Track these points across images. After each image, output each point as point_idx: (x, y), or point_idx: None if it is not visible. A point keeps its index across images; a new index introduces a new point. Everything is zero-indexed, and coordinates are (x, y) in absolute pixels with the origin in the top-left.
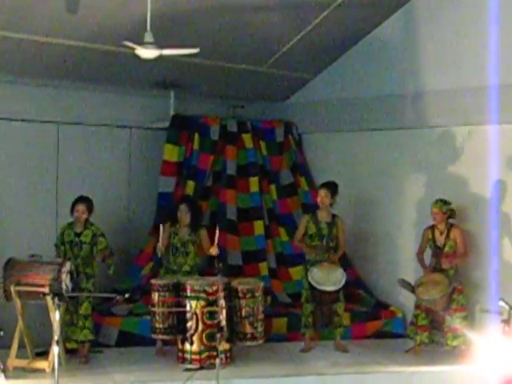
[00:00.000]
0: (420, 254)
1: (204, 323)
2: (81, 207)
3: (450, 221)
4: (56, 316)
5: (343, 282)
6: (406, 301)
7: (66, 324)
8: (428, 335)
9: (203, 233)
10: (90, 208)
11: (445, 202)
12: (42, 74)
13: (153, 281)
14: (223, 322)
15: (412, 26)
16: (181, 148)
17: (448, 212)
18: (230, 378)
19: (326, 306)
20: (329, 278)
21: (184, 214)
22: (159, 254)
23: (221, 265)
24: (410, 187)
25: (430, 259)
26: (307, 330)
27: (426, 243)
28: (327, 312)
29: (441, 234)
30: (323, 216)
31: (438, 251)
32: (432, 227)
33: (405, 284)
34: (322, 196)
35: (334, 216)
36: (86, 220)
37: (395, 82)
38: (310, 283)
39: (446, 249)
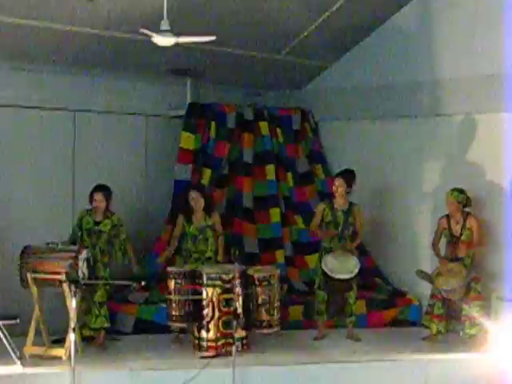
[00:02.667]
0: (435, 245)
1: (220, 311)
2: (99, 196)
3: (466, 209)
4: (72, 303)
5: (356, 270)
6: (422, 289)
7: (83, 312)
8: (445, 324)
9: (216, 218)
10: (107, 196)
11: (460, 191)
12: (58, 62)
13: (169, 268)
14: (239, 310)
15: (428, 13)
16: (197, 136)
17: (463, 201)
18: (246, 365)
19: (339, 294)
20: (342, 266)
21: (197, 200)
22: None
23: (237, 252)
24: (427, 175)
25: (446, 248)
26: (320, 317)
27: (441, 232)
28: (340, 300)
29: (457, 223)
30: (340, 204)
31: (453, 240)
32: (447, 216)
33: (423, 275)
34: (337, 185)
35: (351, 204)
36: (106, 209)
37: (412, 70)
38: (323, 271)
39: (463, 238)
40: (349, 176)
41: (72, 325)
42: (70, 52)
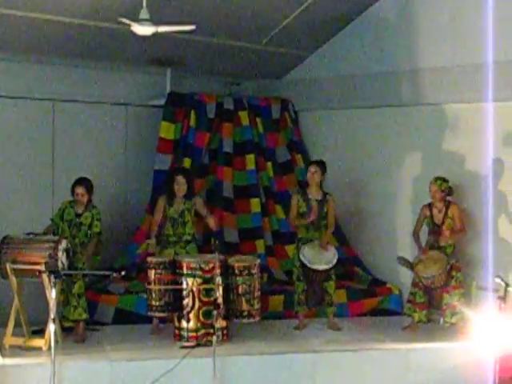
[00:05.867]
0: (416, 233)
1: (200, 300)
2: (80, 190)
3: (448, 198)
4: (52, 294)
5: (334, 261)
6: (402, 278)
7: (61, 304)
8: (426, 313)
9: (199, 201)
10: (89, 189)
11: (443, 180)
12: (37, 51)
13: (149, 258)
14: (220, 300)
15: (408, 2)
16: (177, 125)
17: (446, 190)
18: (226, 355)
19: (318, 284)
20: (320, 257)
21: (182, 186)
22: (150, 249)
23: (217, 242)
24: (407, 164)
25: (428, 237)
26: (300, 308)
27: (422, 221)
28: (319, 290)
29: (439, 211)
30: (313, 193)
31: (435, 229)
32: (429, 205)
33: (403, 262)
34: (312, 172)
35: (325, 194)
36: (89, 201)
37: (392, 60)
38: (301, 261)
39: (445, 226)
40: (323, 164)
41: (52, 315)
42: (48, 41)
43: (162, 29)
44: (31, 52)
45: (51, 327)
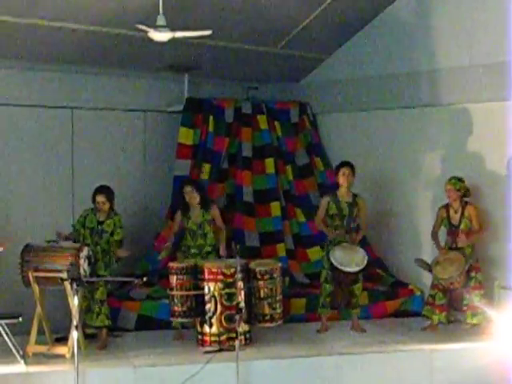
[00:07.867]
0: (435, 234)
1: (222, 305)
2: (100, 198)
3: (465, 199)
4: (74, 301)
5: (365, 261)
6: (424, 279)
7: (84, 311)
8: (446, 315)
9: (215, 210)
10: (109, 197)
11: (459, 180)
12: (55, 60)
13: (170, 264)
14: (242, 304)
15: (426, 2)
16: (196, 131)
17: (462, 190)
18: (249, 359)
19: (346, 286)
20: (352, 259)
21: (192, 195)
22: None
23: (238, 247)
24: (426, 166)
25: (446, 238)
26: (323, 310)
27: (440, 222)
28: (347, 292)
29: (455, 212)
30: (344, 196)
31: (453, 230)
32: (446, 206)
33: (422, 264)
34: (347, 174)
35: (354, 196)
36: (110, 209)
37: (410, 60)
38: (331, 264)
39: (462, 227)
40: (353, 166)
41: (74, 322)
42: (65, 49)
43: (179, 34)
44: (48, 60)
45: (74, 334)
